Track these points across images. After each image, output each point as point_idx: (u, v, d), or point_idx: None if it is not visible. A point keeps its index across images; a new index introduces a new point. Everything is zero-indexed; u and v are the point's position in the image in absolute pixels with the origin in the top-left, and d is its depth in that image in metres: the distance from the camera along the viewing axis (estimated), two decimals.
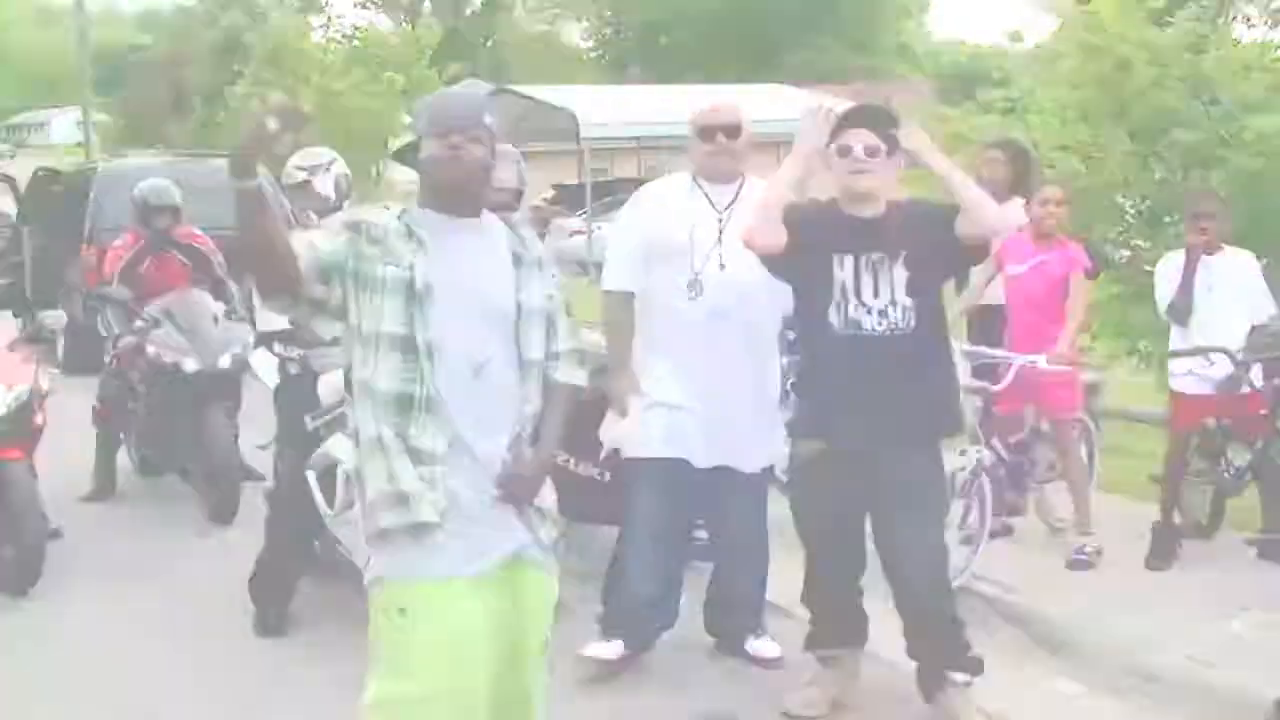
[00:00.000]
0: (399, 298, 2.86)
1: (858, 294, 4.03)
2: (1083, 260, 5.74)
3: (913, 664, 4.29)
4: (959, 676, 4.23)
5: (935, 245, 4.04)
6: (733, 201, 4.51)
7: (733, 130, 4.54)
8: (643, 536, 4.66)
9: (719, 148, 4.53)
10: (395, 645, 2.92)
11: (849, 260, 4.04)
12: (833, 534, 4.22)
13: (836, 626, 4.37)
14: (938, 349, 4.19)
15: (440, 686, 2.85)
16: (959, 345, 5.08)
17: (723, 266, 4.45)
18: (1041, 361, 5.39)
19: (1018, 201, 5.88)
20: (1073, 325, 5.66)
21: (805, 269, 4.09)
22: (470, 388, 2.91)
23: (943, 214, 4.05)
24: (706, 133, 4.55)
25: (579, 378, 3.22)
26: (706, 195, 4.55)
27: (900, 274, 4.02)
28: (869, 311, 4.02)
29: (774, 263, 4.10)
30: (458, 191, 2.97)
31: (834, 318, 4.05)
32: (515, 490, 2.99)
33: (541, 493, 3.08)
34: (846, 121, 4.06)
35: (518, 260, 3.04)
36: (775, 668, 4.67)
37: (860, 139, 4.02)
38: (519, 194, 5.62)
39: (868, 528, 4.25)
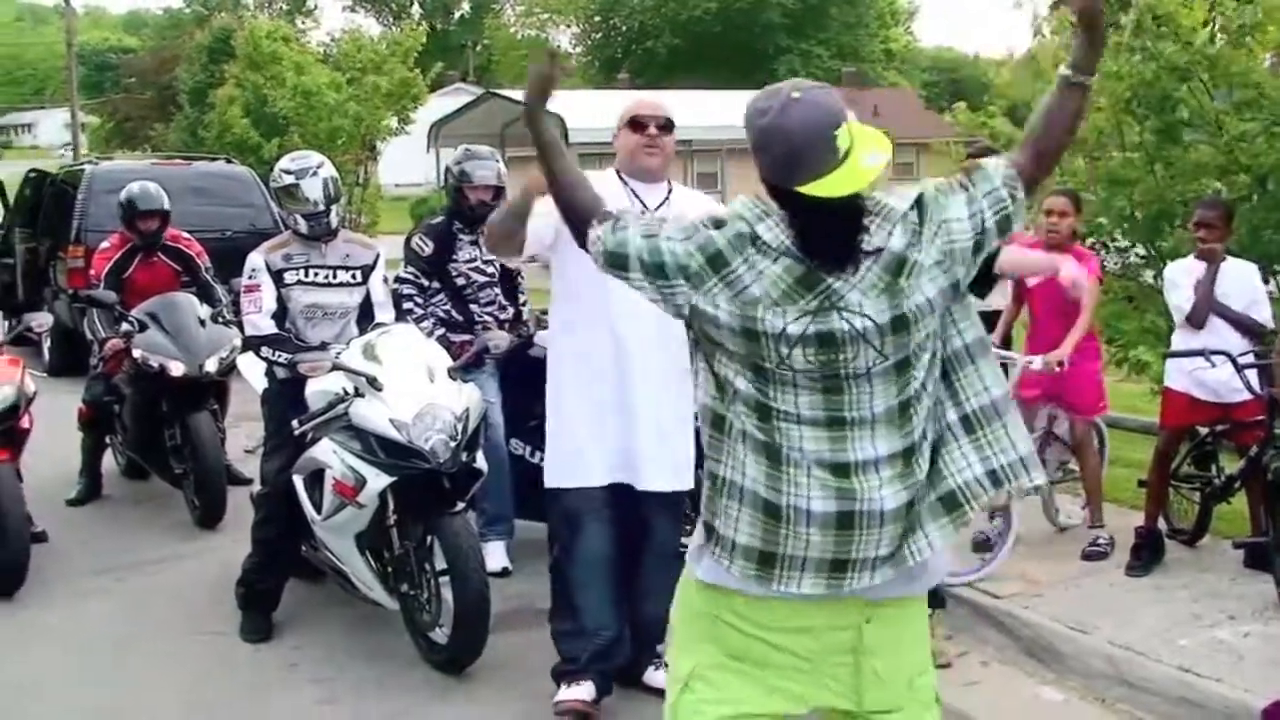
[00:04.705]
0: None
1: None
2: (1094, 265, 5.79)
3: None
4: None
5: None
6: (663, 202, 4.22)
7: (667, 125, 4.27)
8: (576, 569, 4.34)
9: (652, 140, 4.23)
10: None
11: None
12: None
13: None
14: None
15: None
16: None
17: None
18: (1037, 363, 5.41)
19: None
20: (1080, 329, 5.61)
21: None
22: None
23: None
24: (638, 124, 4.26)
25: None
26: (636, 194, 4.22)
27: None
28: None
29: None
30: None
31: None
32: None
33: None
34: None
35: None
36: None
37: None
38: (499, 191, 5.70)
39: None
